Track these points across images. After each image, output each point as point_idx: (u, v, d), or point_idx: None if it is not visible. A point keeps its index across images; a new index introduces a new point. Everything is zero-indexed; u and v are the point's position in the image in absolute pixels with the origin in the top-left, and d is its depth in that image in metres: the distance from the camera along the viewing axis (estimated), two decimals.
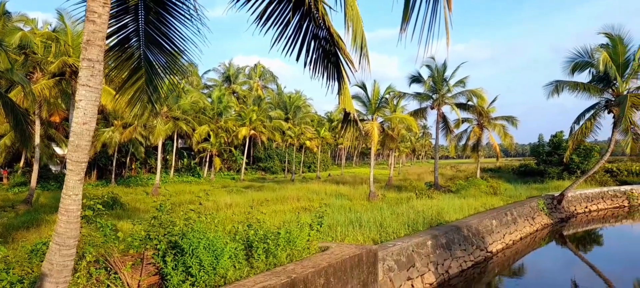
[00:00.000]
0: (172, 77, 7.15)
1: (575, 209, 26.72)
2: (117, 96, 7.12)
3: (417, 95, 30.87)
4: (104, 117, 39.12)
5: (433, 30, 3.56)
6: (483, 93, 31.80)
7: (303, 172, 62.73)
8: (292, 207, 18.78)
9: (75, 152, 4.28)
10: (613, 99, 23.56)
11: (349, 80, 7.14)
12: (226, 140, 50.05)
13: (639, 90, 23.09)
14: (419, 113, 31.11)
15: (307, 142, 54.68)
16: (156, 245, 6.56)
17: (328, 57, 6.97)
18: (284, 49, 6.59)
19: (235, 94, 62.92)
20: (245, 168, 57.83)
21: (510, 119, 35.63)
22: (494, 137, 36.73)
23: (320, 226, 9.35)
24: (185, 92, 38.82)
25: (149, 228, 6.70)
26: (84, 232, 7.11)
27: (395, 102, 34.95)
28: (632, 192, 31.32)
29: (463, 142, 38.17)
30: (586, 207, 27.61)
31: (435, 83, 29.79)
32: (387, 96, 27.95)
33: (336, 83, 7.14)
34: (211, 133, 46.89)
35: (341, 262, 7.56)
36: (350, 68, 6.95)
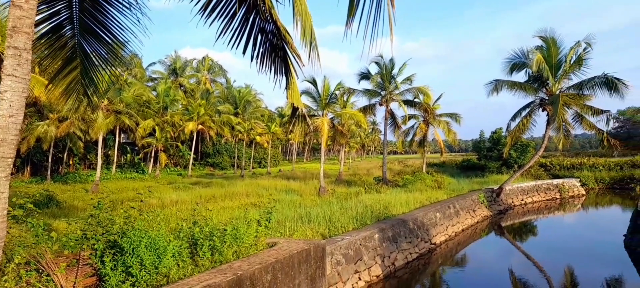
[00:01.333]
0: (111, 68, 6.80)
1: (513, 201, 28.32)
2: (49, 87, 6.67)
3: (367, 92, 31.37)
4: (38, 110, 36.59)
5: (377, 27, 3.62)
6: (429, 90, 32.87)
7: (253, 168, 62.07)
8: (240, 203, 18.51)
9: (1, 147, 3.97)
10: (547, 97, 25.08)
11: (297, 75, 7.13)
12: (172, 135, 48.47)
13: (570, 89, 24.74)
14: (368, 109, 31.63)
15: (258, 138, 54.13)
16: (93, 244, 6.24)
17: (276, 51, 6.90)
18: (230, 41, 6.45)
19: (182, 88, 60.98)
20: (193, 164, 56.30)
21: (454, 116, 37.12)
22: (439, 133, 38.13)
23: (269, 222, 9.29)
24: (128, 84, 37.04)
25: (86, 227, 6.36)
26: (13, 232, 6.63)
27: (345, 98, 35.33)
28: (564, 185, 33.69)
29: (410, 137, 39.33)
30: (522, 200, 29.34)
31: (383, 80, 30.40)
32: (337, 92, 28.18)
33: (284, 78, 7.10)
34: (156, 127, 45.20)
35: (289, 258, 7.55)
36: (298, 63, 6.93)
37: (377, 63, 30.50)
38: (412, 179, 28.15)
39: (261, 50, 6.86)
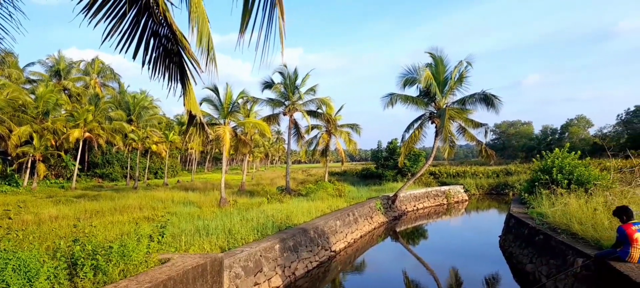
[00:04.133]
0: None
1: (406, 208, 30.23)
2: None
3: (270, 101, 31.34)
4: None
5: (270, 39, 3.61)
6: (331, 102, 33.88)
7: (148, 179, 58.32)
8: (132, 218, 17.22)
9: None
10: (435, 111, 27.28)
11: (195, 82, 6.84)
12: (54, 143, 43.56)
13: (454, 104, 27.21)
14: (272, 118, 31.60)
15: (154, 146, 50.94)
16: None
17: (171, 57, 6.54)
18: (118, 44, 5.96)
19: (66, 91, 55.15)
20: (79, 176, 51.23)
21: (355, 127, 38.74)
22: (340, 143, 39.46)
23: (162, 237, 8.75)
24: None
25: None
26: None
27: (248, 107, 34.98)
28: (450, 192, 36.87)
29: (313, 147, 40.11)
30: (415, 206, 31.47)
31: (287, 90, 30.64)
32: (240, 100, 27.73)
33: (180, 84, 6.78)
34: (34, 135, 40.30)
35: (183, 273, 7.15)
36: (195, 69, 6.66)
37: (281, 73, 30.67)
38: (315, 188, 28.66)
39: (154, 55, 6.45)
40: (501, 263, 15.19)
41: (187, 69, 6.43)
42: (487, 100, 25.31)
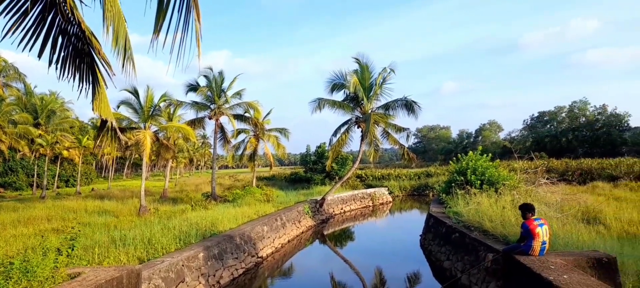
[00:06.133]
0: None
1: (334, 211, 30.76)
2: None
3: (195, 105, 30.32)
4: None
5: (185, 41, 3.51)
6: (259, 106, 33.58)
7: (58, 188, 53.84)
8: (39, 230, 15.77)
9: None
10: (361, 116, 28.09)
11: (106, 84, 6.45)
12: None
13: (379, 109, 28.21)
14: (196, 122, 30.57)
15: (65, 152, 47.05)
16: None
17: (82, 57, 6.13)
18: (22, 42, 5.46)
19: None
20: None
21: (283, 131, 38.74)
22: (268, 147, 39.24)
23: (72, 249, 8.11)
24: None
25: None
26: None
27: (171, 110, 33.59)
28: (375, 194, 38.12)
29: (241, 152, 39.50)
30: (342, 208, 32.12)
31: (212, 93, 29.86)
32: (162, 104, 26.54)
33: (91, 86, 6.37)
34: None
35: None
36: (107, 71, 6.30)
37: (206, 76, 29.84)
38: (242, 194, 28.21)
39: (63, 54, 6.01)
40: (422, 261, 15.98)
41: (98, 70, 6.06)
42: (408, 105, 26.56)
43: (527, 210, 8.64)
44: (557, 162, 44.45)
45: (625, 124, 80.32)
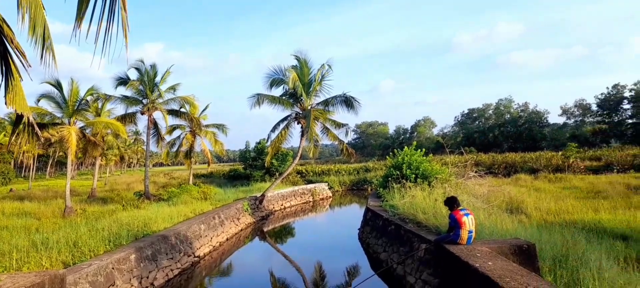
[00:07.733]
0: None
1: (274, 207, 30.59)
2: None
3: (126, 99, 28.61)
4: None
5: (111, 30, 3.26)
6: (195, 100, 32.50)
7: None
8: None
9: None
10: (301, 112, 28.11)
11: (21, 75, 5.92)
12: None
13: (319, 105, 28.37)
14: (127, 118, 28.88)
15: None
16: None
17: None
18: None
19: None
20: None
21: (221, 127, 37.88)
22: (206, 143, 38.21)
23: None
24: None
25: None
26: None
27: (100, 105, 31.57)
28: (315, 189, 38.41)
29: (176, 148, 38.13)
30: (282, 205, 32.02)
31: (144, 87, 28.41)
32: (89, 98, 24.84)
33: (3, 79, 5.82)
34: None
35: None
36: (22, 61, 5.78)
37: (137, 69, 28.27)
38: (178, 192, 27.22)
39: None
40: (360, 254, 16.30)
41: (11, 61, 5.55)
42: (348, 102, 26.96)
43: (452, 202, 9.15)
44: (485, 156, 47.46)
45: (545, 121, 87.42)
